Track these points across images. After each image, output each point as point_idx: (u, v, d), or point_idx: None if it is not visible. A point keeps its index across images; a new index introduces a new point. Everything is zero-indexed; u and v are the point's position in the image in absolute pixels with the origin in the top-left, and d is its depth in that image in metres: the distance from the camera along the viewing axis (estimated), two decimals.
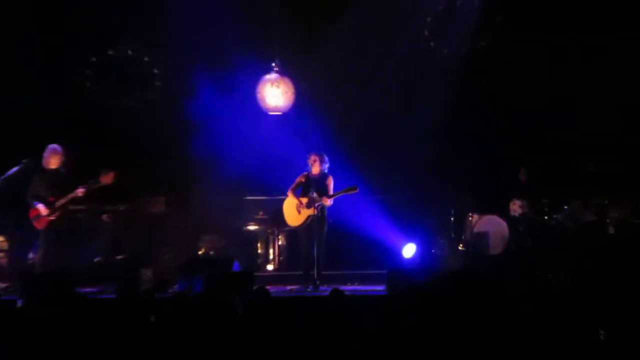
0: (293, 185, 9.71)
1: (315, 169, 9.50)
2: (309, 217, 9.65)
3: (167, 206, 10.87)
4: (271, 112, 11.44)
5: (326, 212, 9.48)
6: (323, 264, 9.54)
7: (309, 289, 9.50)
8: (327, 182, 9.61)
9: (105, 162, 9.49)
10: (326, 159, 9.54)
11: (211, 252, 10.91)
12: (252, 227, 11.09)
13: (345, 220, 10.39)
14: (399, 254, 10.81)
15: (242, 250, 10.93)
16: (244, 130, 11.10)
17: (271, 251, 11.02)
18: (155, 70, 11.18)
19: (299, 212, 9.75)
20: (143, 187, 10.69)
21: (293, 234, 10.37)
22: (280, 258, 10.99)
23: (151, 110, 11.11)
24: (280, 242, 11.01)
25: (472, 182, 11.04)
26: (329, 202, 9.44)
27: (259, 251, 11.14)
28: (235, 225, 11.03)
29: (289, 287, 9.78)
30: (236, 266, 9.48)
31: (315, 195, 9.44)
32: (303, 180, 9.63)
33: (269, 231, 10.97)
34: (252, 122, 11.30)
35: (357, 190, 9.31)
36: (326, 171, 9.49)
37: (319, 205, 9.46)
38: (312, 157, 9.63)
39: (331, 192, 9.43)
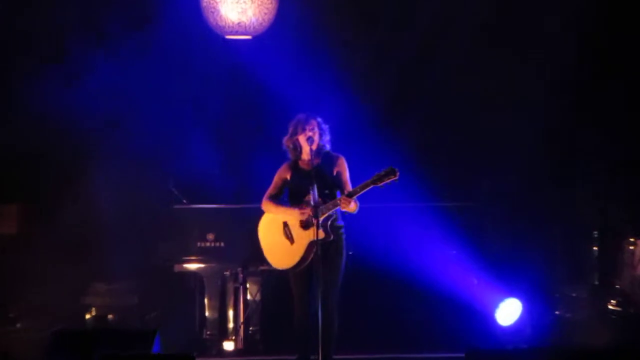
0: (271, 189, 8.11)
1: (312, 149, 7.88)
2: (310, 246, 7.85)
3: (23, 224, 10.29)
4: (229, 35, 9.70)
5: (343, 234, 7.92)
6: (335, 341, 8.01)
7: None
8: (338, 167, 8.01)
9: None
10: (326, 127, 8.07)
11: (108, 317, 9.82)
12: (191, 266, 9.50)
13: (379, 251, 9.28)
14: (488, 320, 9.51)
15: (170, 312, 9.77)
16: (172, 80, 10.26)
17: (231, 314, 9.55)
18: None
19: (290, 238, 7.97)
20: None
21: (276, 279, 9.33)
22: (250, 328, 9.61)
23: None
24: (249, 296, 9.60)
25: (629, 185, 10.33)
26: (352, 206, 7.78)
27: (207, 313, 9.50)
28: (158, 261, 9.68)
29: None
30: (157, 345, 7.80)
31: (317, 199, 7.75)
32: (287, 176, 8.04)
33: (226, 273, 9.51)
34: (188, 58, 10.40)
35: (398, 178, 7.67)
36: (329, 148, 8.00)
37: (328, 218, 7.82)
38: (307, 127, 7.92)
39: (349, 185, 7.89)
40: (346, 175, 8.02)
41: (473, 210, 9.94)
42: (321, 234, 7.75)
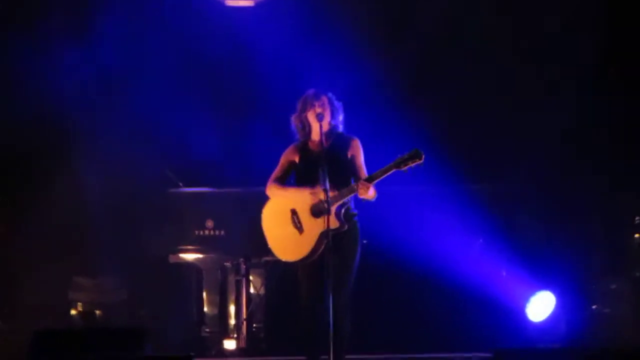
0: (277, 172, 7.82)
1: (322, 128, 7.62)
2: (322, 236, 7.54)
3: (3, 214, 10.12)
4: (230, 1, 10.13)
5: (357, 223, 7.64)
6: (348, 340, 7.71)
7: None
8: (352, 150, 7.74)
9: None
10: (339, 104, 7.79)
11: (95, 314, 9.61)
12: (188, 257, 9.22)
13: (397, 239, 9.00)
14: (518, 316, 9.28)
15: (164, 308, 9.60)
16: (168, 54, 10.00)
17: (232, 309, 9.38)
18: None
19: (299, 227, 7.67)
20: None
21: (282, 271, 9.02)
22: (253, 325, 9.40)
23: None
24: (252, 290, 9.40)
25: None
26: (370, 192, 7.49)
27: (206, 309, 9.39)
28: (150, 251, 9.49)
29: None
30: (149, 347, 7.50)
31: (328, 185, 7.39)
32: (295, 158, 7.76)
33: (226, 265, 9.29)
34: (186, 28, 10.14)
35: (423, 161, 7.44)
36: (342, 129, 7.75)
37: (342, 206, 7.55)
38: (317, 103, 7.65)
39: (364, 170, 7.60)
40: (361, 159, 7.79)
41: (503, 193, 9.66)
42: (334, 223, 7.45)
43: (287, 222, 7.72)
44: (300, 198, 7.63)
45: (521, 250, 9.39)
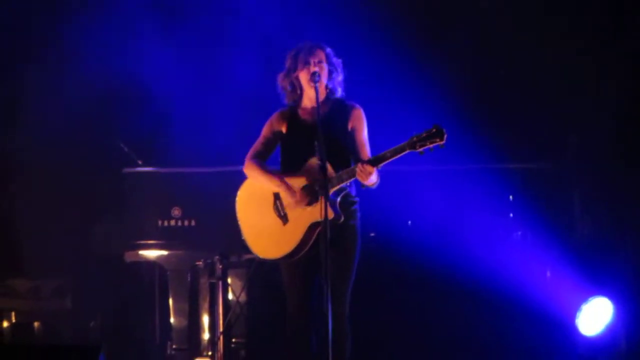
0: (257, 145, 7.00)
1: (317, 90, 6.66)
2: (311, 229, 6.70)
3: None
4: None
5: (357, 212, 6.77)
6: (349, 357, 6.98)
7: None
8: (354, 121, 6.90)
9: None
10: (339, 62, 6.96)
11: (34, 325, 8.74)
12: (149, 254, 8.15)
13: (413, 232, 7.90)
14: (567, 328, 8.25)
15: (120, 319, 8.70)
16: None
17: (205, 320, 8.40)
18: None
19: (283, 216, 6.84)
20: None
21: (268, 273, 8.16)
22: (232, 340, 8.38)
23: None
24: (231, 296, 8.47)
25: None
26: (373, 178, 6.65)
27: (172, 320, 8.19)
28: (101, 247, 8.65)
29: None
30: None
31: (324, 162, 6.54)
32: (282, 128, 6.94)
33: (198, 264, 8.26)
34: None
35: (445, 142, 6.60)
36: (341, 94, 6.92)
37: (339, 192, 6.65)
38: (312, 59, 6.77)
39: (366, 147, 6.76)
40: (364, 133, 7.07)
41: (551, 175, 8.77)
42: (330, 214, 6.66)
43: (268, 209, 7.02)
44: (282, 191, 6.96)
45: (572, 246, 8.66)
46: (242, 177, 7.33)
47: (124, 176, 8.54)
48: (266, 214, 7.04)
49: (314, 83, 6.88)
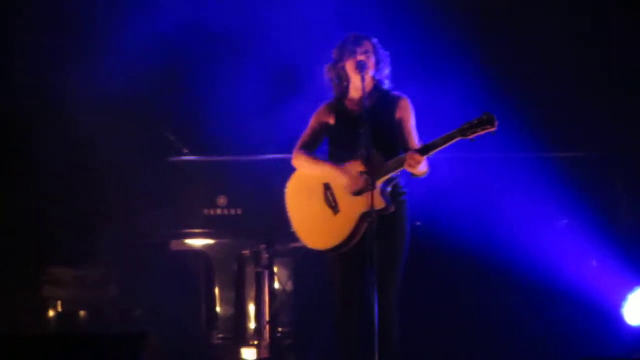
0: (305, 136, 7.04)
1: (364, 80, 6.76)
2: (362, 219, 6.72)
3: None
4: None
5: (406, 203, 6.80)
6: (397, 349, 6.95)
7: None
8: (401, 112, 6.93)
9: None
10: (386, 55, 7.02)
11: (79, 314, 8.77)
12: (195, 243, 8.31)
13: (459, 222, 8.01)
14: (613, 318, 8.14)
15: (166, 308, 8.42)
16: None
17: (251, 309, 8.45)
18: None
19: (334, 206, 6.86)
20: None
21: (315, 261, 7.88)
22: (279, 329, 8.47)
23: None
24: (277, 285, 8.46)
25: None
26: (422, 167, 6.70)
27: (218, 309, 8.50)
28: (147, 235, 8.34)
29: None
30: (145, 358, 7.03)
31: (373, 152, 6.69)
32: (330, 120, 7.00)
33: (244, 253, 8.37)
34: None
35: (496, 129, 6.70)
36: (389, 85, 6.98)
37: (389, 182, 6.68)
38: (359, 50, 6.84)
39: (414, 137, 6.80)
40: (412, 123, 7.05)
41: (597, 164, 8.68)
42: (379, 203, 6.67)
43: (319, 199, 6.98)
44: (336, 176, 6.93)
45: (619, 236, 8.48)
46: (287, 166, 7.27)
47: (170, 165, 8.55)
48: (316, 205, 7.03)
49: (361, 72, 6.89)
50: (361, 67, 6.87)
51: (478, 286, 8.59)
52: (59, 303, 9.01)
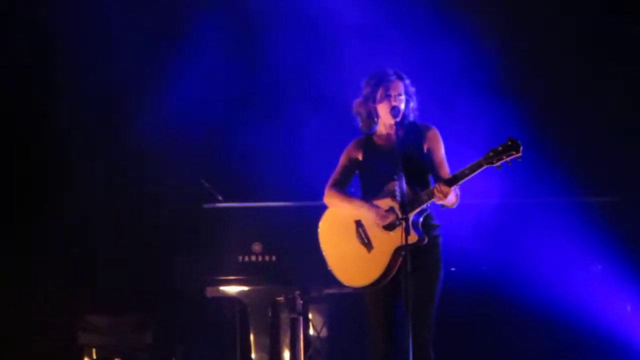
0: (336, 174, 6.99)
1: (396, 122, 6.78)
2: (396, 253, 6.68)
3: None
4: None
5: (440, 237, 6.81)
6: None
7: None
8: (429, 142, 6.89)
9: None
10: (414, 91, 6.94)
11: None
12: (230, 289, 8.20)
13: (492, 265, 7.91)
14: None
15: (200, 354, 8.80)
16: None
17: (286, 354, 8.45)
18: None
19: (367, 243, 6.80)
20: None
21: (349, 307, 8.30)
22: None
23: None
24: (312, 331, 8.57)
25: None
26: (451, 197, 6.66)
27: (253, 355, 8.29)
28: (182, 282, 8.37)
29: None
30: None
31: (405, 188, 6.61)
32: (358, 155, 6.97)
33: (278, 299, 8.34)
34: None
35: (521, 154, 6.64)
36: (413, 117, 6.99)
37: (420, 214, 6.66)
38: (393, 92, 6.78)
39: (445, 166, 6.76)
40: (441, 153, 6.95)
41: (632, 208, 8.56)
42: (412, 237, 6.55)
43: (352, 236, 6.92)
44: (366, 213, 6.84)
45: None
46: (321, 212, 7.22)
47: (205, 212, 8.51)
48: (350, 242, 6.94)
49: (395, 118, 6.85)
50: (395, 113, 6.83)
51: (513, 333, 8.57)
52: (94, 350, 8.98)
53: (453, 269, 7.77)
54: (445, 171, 6.92)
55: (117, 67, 9.75)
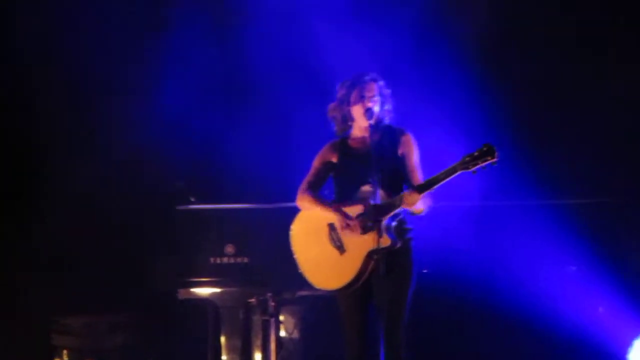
0: (309, 176, 6.99)
1: (370, 125, 6.81)
2: (369, 257, 6.68)
3: None
4: None
5: (412, 241, 6.75)
6: None
7: None
8: (404, 147, 6.88)
9: None
10: (389, 93, 6.95)
11: None
12: (202, 291, 8.22)
13: (466, 268, 7.87)
14: None
15: (172, 356, 8.83)
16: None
17: (258, 356, 8.40)
18: None
19: (339, 246, 6.83)
20: None
21: (321, 309, 8.21)
22: None
23: None
24: (283, 333, 8.49)
25: None
26: (418, 205, 6.62)
27: (224, 357, 8.36)
28: (154, 284, 8.64)
29: None
30: None
31: (378, 190, 6.65)
32: (333, 158, 6.96)
33: (251, 301, 8.24)
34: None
35: (497, 159, 6.61)
36: (388, 120, 6.93)
37: (394, 218, 6.61)
38: (367, 94, 6.85)
39: (418, 172, 6.74)
40: (414, 158, 6.89)
41: (604, 209, 8.50)
42: (385, 241, 6.57)
43: (324, 239, 6.89)
44: (337, 219, 6.83)
45: (625, 282, 8.30)
46: (294, 214, 7.17)
47: (178, 213, 8.47)
48: (322, 245, 6.92)
49: (369, 119, 6.85)
50: (370, 115, 6.82)
51: (485, 333, 8.52)
52: (65, 352, 8.89)
53: (425, 271, 7.61)
54: (417, 178, 6.86)
55: (94, 65, 9.51)
